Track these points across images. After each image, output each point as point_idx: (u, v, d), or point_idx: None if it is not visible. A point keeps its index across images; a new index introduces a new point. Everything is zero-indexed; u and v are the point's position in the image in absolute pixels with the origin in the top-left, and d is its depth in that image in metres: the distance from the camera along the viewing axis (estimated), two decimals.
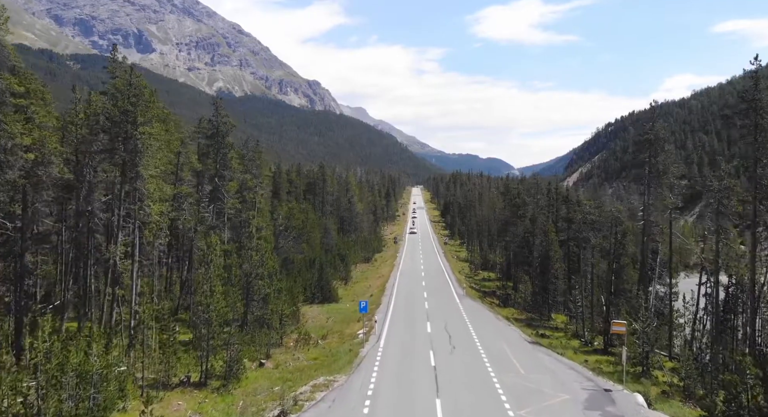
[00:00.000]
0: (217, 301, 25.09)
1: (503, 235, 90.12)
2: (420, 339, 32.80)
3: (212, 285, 25.26)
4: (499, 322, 39.74)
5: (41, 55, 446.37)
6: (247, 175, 39.67)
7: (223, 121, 35.40)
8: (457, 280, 63.17)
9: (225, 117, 36.15)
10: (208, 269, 25.45)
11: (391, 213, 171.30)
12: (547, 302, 49.84)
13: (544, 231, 57.42)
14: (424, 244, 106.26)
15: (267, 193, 70.30)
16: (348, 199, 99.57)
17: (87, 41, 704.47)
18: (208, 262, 25.66)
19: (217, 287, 25.45)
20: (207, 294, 25.06)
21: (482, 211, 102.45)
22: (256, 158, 42.66)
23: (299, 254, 46.84)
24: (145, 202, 26.10)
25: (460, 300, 47.88)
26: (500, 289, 69.06)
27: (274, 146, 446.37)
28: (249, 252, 33.20)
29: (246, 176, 39.05)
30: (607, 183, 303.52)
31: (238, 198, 39.39)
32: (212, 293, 25.05)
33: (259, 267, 33.16)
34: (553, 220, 59.71)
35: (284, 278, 41.70)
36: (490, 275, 78.49)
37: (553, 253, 49.03)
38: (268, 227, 48.91)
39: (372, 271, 75.66)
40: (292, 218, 46.29)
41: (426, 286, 55.92)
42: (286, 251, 43.19)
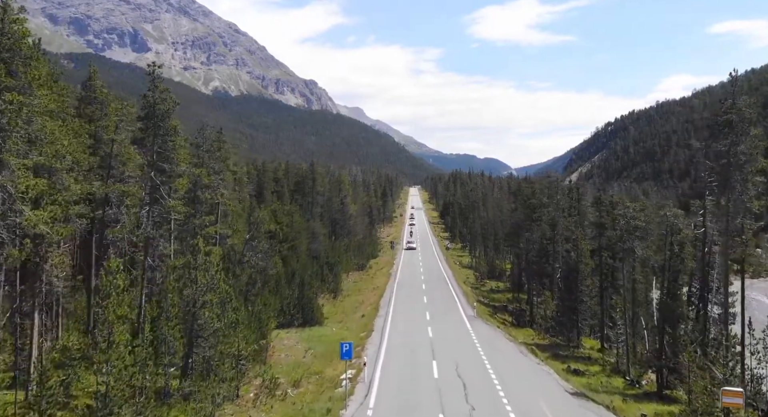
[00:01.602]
0: (117, 357, 16.39)
1: (513, 239, 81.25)
2: (425, 392, 24.08)
3: (110, 333, 16.54)
4: (525, 358, 30.91)
5: None
6: (201, 169, 30.99)
7: (161, 98, 26.61)
8: (464, 293, 54.36)
9: (165, 92, 27.29)
10: (107, 309, 16.71)
11: (388, 214, 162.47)
12: (576, 325, 41.16)
13: (570, 238, 48.72)
14: (423, 249, 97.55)
15: (245, 193, 61.53)
16: (341, 200, 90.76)
17: (82, 40, 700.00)
18: (104, 295, 16.90)
19: (119, 335, 16.69)
20: (102, 347, 16.37)
21: (487, 213, 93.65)
22: (215, 149, 33.76)
23: (271, 270, 38.02)
24: (13, 205, 17.47)
25: (470, 323, 39.04)
26: (512, 303, 60.39)
27: (269, 145, 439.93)
28: (193, 272, 24.55)
29: (199, 171, 30.36)
30: (608, 183, 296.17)
31: (188, 199, 30.79)
32: (110, 346, 16.36)
33: (206, 293, 24.48)
34: (577, 225, 51.01)
35: (254, 301, 32.96)
36: (499, 285, 69.81)
37: (583, 267, 40.30)
38: (238, 235, 40.18)
39: (366, 281, 66.85)
40: (264, 224, 37.41)
41: (428, 303, 47.12)
42: (255, 265, 34.58)
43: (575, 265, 40.65)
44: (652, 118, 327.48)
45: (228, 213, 36.31)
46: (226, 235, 36.49)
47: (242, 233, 41.86)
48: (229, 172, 37.24)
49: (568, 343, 41.12)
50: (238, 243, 39.06)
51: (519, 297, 62.42)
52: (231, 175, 37.22)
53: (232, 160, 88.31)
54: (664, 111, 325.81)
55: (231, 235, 36.42)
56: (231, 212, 40.63)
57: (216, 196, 32.89)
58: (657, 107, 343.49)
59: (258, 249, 33.99)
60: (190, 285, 24.64)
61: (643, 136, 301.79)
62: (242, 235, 40.02)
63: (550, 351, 38.55)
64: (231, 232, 36.14)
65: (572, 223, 51.69)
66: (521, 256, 63.43)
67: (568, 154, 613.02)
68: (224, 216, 36.03)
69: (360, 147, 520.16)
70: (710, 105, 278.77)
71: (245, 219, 53.73)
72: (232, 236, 36.56)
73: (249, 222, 40.18)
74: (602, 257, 41.78)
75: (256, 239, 34.27)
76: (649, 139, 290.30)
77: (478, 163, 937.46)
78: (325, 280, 59.29)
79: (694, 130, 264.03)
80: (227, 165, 37.11)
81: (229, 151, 36.74)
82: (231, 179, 37.57)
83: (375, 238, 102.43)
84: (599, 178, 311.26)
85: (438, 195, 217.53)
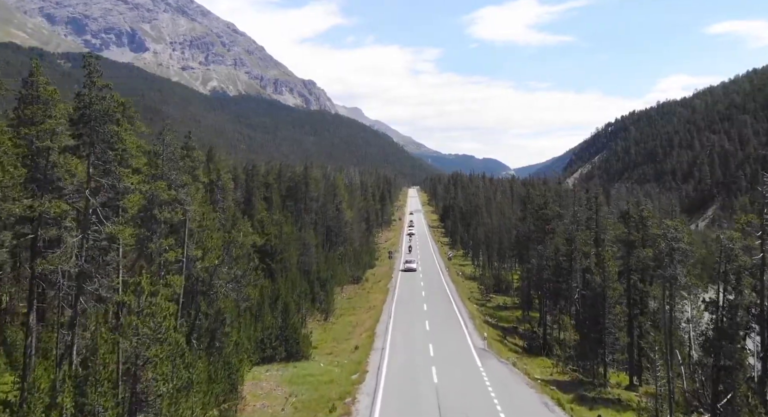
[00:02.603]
0: None
1: (521, 249, 75.89)
2: None
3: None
4: (552, 415, 25.31)
5: (31, 54, 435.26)
6: (159, 183, 25.39)
7: (98, 96, 21.05)
8: (469, 314, 48.69)
9: (105, 88, 21.70)
10: None
11: (386, 218, 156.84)
12: (602, 360, 35.68)
13: (588, 253, 43.27)
14: (423, 257, 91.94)
15: (229, 202, 55.99)
16: (336, 206, 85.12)
17: (80, 40, 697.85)
18: None
19: None
20: None
21: (491, 219, 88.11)
22: (178, 157, 27.88)
23: (244, 302, 32.21)
24: None
25: (481, 361, 33.43)
26: (522, 323, 54.93)
27: (268, 146, 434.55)
28: (133, 320, 19.12)
29: (153, 186, 24.69)
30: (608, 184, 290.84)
31: (144, 218, 25.28)
32: None
33: (151, 346, 19.02)
34: (598, 240, 45.54)
35: (223, 342, 27.36)
36: (506, 301, 64.30)
37: (610, 292, 34.78)
38: (213, 254, 34.55)
39: (361, 297, 61.25)
40: (237, 246, 31.60)
41: (431, 330, 41.41)
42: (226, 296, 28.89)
43: (601, 290, 35.10)
44: (653, 118, 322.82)
45: (196, 232, 30.76)
46: (195, 258, 30.94)
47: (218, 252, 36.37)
48: (198, 183, 31.71)
49: (593, 379, 35.70)
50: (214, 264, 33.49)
51: (529, 315, 57.00)
52: (201, 187, 31.65)
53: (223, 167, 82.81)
54: (665, 111, 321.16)
55: (201, 257, 30.84)
56: (205, 228, 35.02)
57: (176, 214, 27.32)
58: (658, 107, 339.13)
59: (228, 277, 28.48)
60: (129, 336, 19.18)
61: (644, 137, 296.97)
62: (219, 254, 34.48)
63: (573, 391, 33.10)
64: (200, 254, 30.55)
65: (590, 237, 46.24)
66: (531, 271, 58.05)
67: (567, 155, 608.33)
68: (191, 235, 30.48)
69: (359, 147, 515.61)
70: (711, 105, 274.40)
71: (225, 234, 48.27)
72: (202, 258, 30.97)
73: (228, 240, 34.56)
74: (630, 280, 36.30)
75: (227, 264, 28.77)
76: (651, 139, 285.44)
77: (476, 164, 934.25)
78: (317, 298, 53.82)
79: (697, 130, 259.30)
80: (196, 175, 31.54)
81: (199, 160, 31.22)
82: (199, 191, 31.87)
83: (372, 246, 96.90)
84: (600, 179, 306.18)
85: (437, 197, 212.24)
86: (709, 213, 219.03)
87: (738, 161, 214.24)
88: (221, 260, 28.46)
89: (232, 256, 29.39)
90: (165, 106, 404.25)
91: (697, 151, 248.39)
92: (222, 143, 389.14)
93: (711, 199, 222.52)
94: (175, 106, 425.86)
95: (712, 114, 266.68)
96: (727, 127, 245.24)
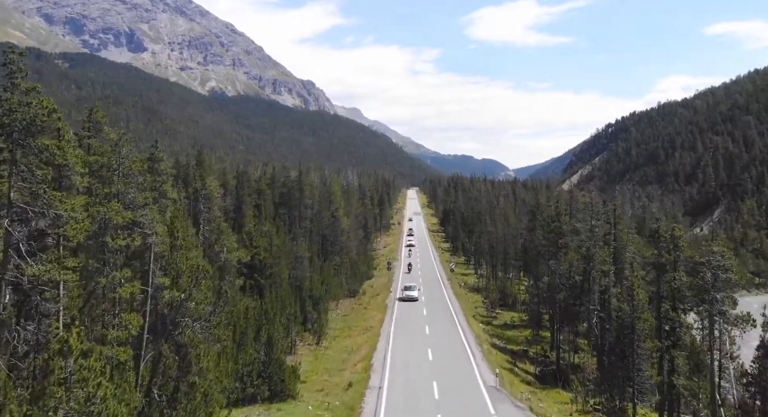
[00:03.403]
0: None
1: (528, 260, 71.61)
2: None
3: None
4: None
5: (28, 54, 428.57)
6: (112, 205, 21.05)
7: (23, 101, 16.65)
8: (476, 338, 44.11)
9: (32, 92, 17.34)
10: None
11: (385, 222, 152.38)
12: (632, 400, 31.36)
13: (607, 273, 38.92)
14: (424, 266, 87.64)
15: (214, 213, 51.59)
16: (331, 214, 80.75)
17: (78, 40, 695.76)
18: None
19: None
20: None
21: (495, 228, 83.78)
22: (135, 171, 23.23)
23: (215, 343, 27.55)
24: None
25: (492, 403, 28.91)
26: (531, 344, 50.61)
27: (266, 146, 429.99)
28: (57, 390, 14.82)
29: (102, 210, 20.39)
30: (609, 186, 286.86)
31: (95, 248, 20.96)
32: None
33: None
34: (615, 257, 41.21)
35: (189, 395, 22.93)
36: (513, 318, 59.93)
37: (641, 325, 30.44)
38: (181, 287, 30.07)
39: (358, 314, 56.81)
40: (204, 278, 26.96)
41: (434, 361, 36.79)
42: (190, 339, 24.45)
43: (630, 321, 30.76)
44: (654, 119, 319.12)
45: (167, 254, 26.35)
46: (163, 287, 26.53)
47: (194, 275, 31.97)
48: (166, 200, 27.24)
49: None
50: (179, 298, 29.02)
51: (540, 335, 52.71)
52: (170, 204, 27.17)
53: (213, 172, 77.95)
54: (666, 112, 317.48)
55: (171, 285, 26.43)
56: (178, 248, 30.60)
57: (134, 240, 22.94)
58: (659, 108, 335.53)
59: (196, 313, 24.05)
60: (50, 411, 14.87)
61: (646, 138, 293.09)
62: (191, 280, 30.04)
63: None
64: (168, 282, 26.15)
65: (608, 253, 41.89)
66: (541, 287, 53.79)
67: (567, 155, 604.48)
68: (157, 261, 26.08)
69: (357, 148, 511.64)
70: (713, 106, 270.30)
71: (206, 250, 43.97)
72: (172, 286, 26.57)
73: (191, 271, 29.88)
74: (661, 308, 31.92)
75: (195, 299, 24.37)
76: (652, 141, 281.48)
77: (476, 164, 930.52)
78: (309, 318, 49.51)
79: (699, 131, 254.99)
80: (164, 191, 27.06)
81: (167, 173, 26.77)
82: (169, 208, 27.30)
83: (370, 254, 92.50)
84: (600, 180, 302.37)
85: (437, 199, 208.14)
86: (714, 216, 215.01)
87: (743, 163, 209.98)
88: (188, 294, 24.06)
89: (200, 288, 24.94)
90: (163, 106, 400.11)
91: (700, 152, 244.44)
92: (220, 144, 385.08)
93: (716, 202, 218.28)
94: (173, 106, 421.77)
95: (714, 115, 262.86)
96: (730, 129, 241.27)
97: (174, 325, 23.25)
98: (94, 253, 21.70)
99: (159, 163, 26.62)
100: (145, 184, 24.92)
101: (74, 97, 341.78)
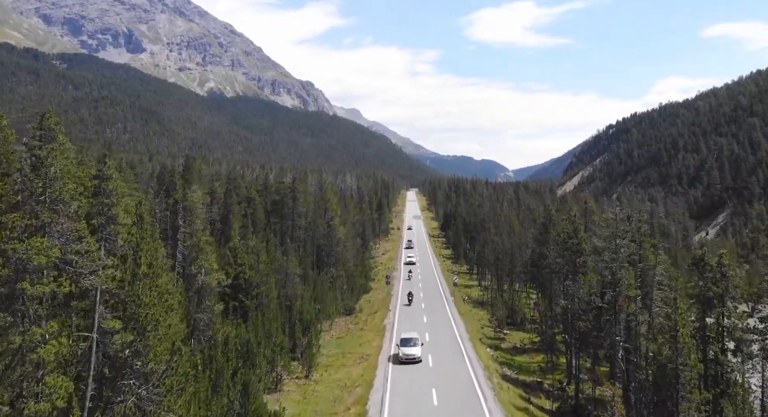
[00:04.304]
0: None
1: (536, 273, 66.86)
2: None
3: None
4: None
5: (26, 55, 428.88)
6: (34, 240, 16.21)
7: None
8: (485, 371, 39.33)
9: None
10: None
11: (384, 227, 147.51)
12: None
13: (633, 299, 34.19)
14: (425, 276, 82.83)
15: (196, 226, 46.76)
16: (326, 223, 75.94)
17: (76, 41, 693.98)
18: None
19: None
20: None
21: (500, 238, 78.96)
22: (66, 196, 18.30)
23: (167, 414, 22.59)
24: None
25: None
26: (545, 372, 45.86)
27: (265, 147, 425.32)
28: None
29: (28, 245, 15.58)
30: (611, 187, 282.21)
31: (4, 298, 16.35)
32: None
33: None
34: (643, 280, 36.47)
35: None
36: (523, 340, 55.12)
37: (687, 373, 25.65)
38: (142, 328, 25.26)
39: (353, 337, 51.92)
40: (161, 325, 21.91)
41: (439, 405, 32.11)
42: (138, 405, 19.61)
43: (673, 367, 25.95)
44: (655, 120, 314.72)
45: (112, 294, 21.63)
46: (113, 331, 21.75)
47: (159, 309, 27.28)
48: (117, 226, 22.37)
49: None
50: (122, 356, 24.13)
51: (554, 362, 47.93)
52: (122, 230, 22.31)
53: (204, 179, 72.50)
54: (667, 113, 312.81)
55: (121, 330, 21.64)
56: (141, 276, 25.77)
57: (62, 285, 18.17)
58: (660, 109, 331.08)
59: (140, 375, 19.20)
60: None
61: (647, 139, 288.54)
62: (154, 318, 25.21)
63: None
64: (119, 326, 21.38)
65: (632, 276, 37.07)
66: (554, 309, 49.07)
67: (566, 156, 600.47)
68: (107, 301, 21.34)
69: (356, 148, 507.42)
70: (716, 107, 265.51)
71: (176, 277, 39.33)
72: (124, 331, 21.78)
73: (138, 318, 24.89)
74: (707, 349, 27.18)
75: (143, 355, 19.45)
76: (654, 142, 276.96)
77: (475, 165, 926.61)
78: (298, 346, 44.72)
79: (702, 133, 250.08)
80: (113, 216, 22.03)
81: (118, 193, 21.87)
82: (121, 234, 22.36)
83: (368, 264, 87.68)
84: (602, 182, 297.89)
85: (437, 202, 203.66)
86: (720, 219, 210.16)
87: (750, 166, 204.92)
88: (133, 349, 19.26)
89: (146, 342, 20.09)
90: (161, 107, 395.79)
91: (704, 154, 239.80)
92: (218, 145, 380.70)
93: (721, 205, 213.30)
94: (171, 107, 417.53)
95: (717, 116, 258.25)
96: (734, 130, 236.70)
97: (114, 390, 18.43)
98: (6, 305, 16.94)
99: (108, 182, 21.81)
100: (80, 211, 20.04)
101: (71, 97, 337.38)
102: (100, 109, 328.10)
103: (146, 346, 20.49)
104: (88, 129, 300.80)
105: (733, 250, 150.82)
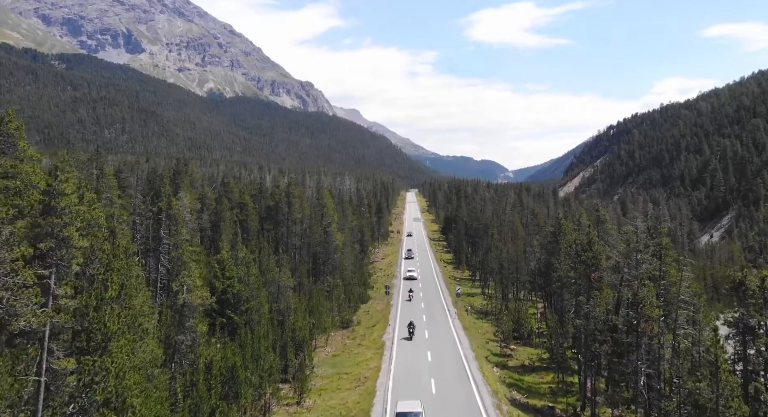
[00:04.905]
0: None
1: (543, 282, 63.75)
2: None
3: None
4: None
5: (24, 55, 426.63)
6: None
7: None
8: (493, 397, 36.15)
9: None
10: None
11: (383, 230, 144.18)
12: None
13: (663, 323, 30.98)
14: (426, 285, 79.49)
15: (181, 237, 43.64)
16: (323, 229, 72.71)
17: (75, 41, 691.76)
18: None
19: None
20: None
21: (505, 245, 75.69)
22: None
23: None
24: None
25: None
26: (557, 395, 42.59)
27: (264, 148, 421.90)
28: None
29: None
30: (612, 189, 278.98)
31: None
32: None
33: None
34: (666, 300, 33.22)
35: None
36: (531, 356, 51.83)
37: (731, 415, 22.43)
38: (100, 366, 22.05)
39: (350, 354, 48.69)
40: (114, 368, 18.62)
41: None
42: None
43: (713, 407, 22.70)
44: (657, 121, 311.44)
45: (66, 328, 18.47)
46: (65, 373, 18.54)
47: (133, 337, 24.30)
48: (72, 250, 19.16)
49: None
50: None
51: (565, 381, 44.67)
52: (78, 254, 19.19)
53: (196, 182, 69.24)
54: (669, 114, 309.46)
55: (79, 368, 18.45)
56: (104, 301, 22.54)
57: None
58: (661, 110, 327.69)
59: None
60: None
61: (649, 140, 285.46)
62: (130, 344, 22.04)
63: None
64: (73, 366, 18.21)
65: (654, 293, 33.84)
66: (565, 326, 45.87)
67: (566, 156, 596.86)
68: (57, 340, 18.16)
69: (356, 149, 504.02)
70: (718, 108, 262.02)
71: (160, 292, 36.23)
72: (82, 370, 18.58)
73: None
74: (748, 386, 23.93)
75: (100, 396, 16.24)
76: (656, 143, 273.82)
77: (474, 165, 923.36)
78: (290, 365, 41.52)
79: (705, 134, 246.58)
80: (66, 238, 18.85)
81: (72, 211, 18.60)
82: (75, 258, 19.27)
83: (366, 272, 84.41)
84: (603, 183, 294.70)
85: (438, 204, 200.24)
86: (724, 222, 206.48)
87: (755, 167, 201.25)
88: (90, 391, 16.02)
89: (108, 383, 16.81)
90: (160, 108, 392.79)
91: (707, 155, 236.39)
92: (217, 146, 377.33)
93: (725, 207, 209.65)
94: (170, 107, 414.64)
95: (720, 117, 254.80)
96: (737, 131, 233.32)
97: None
98: None
99: (59, 199, 18.58)
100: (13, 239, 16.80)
101: (70, 98, 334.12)
102: (98, 109, 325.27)
103: (108, 386, 17.30)
104: (86, 130, 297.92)
105: (741, 253, 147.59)
